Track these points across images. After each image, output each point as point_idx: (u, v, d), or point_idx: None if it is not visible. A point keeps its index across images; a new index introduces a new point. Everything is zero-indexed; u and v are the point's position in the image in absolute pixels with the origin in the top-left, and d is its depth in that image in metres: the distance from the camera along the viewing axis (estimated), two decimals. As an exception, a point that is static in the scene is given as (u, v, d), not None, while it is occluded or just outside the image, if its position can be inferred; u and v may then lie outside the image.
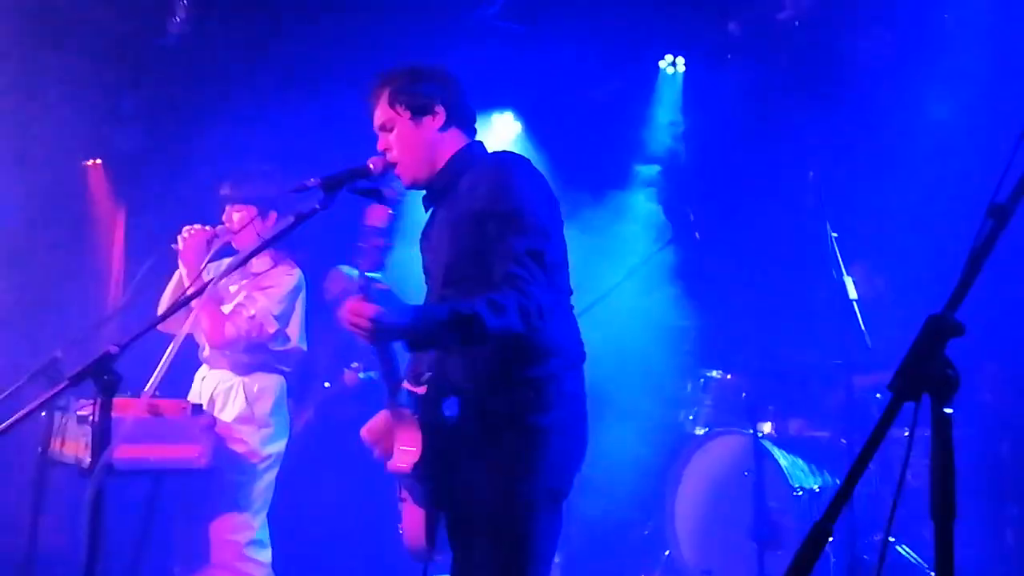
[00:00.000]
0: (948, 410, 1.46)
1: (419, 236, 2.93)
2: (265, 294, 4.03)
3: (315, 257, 4.17)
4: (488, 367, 2.59)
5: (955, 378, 1.45)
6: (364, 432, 2.73)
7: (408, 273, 2.90)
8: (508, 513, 2.53)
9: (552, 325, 2.59)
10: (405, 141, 2.78)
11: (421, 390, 2.61)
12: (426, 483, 2.59)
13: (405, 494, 2.67)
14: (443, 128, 2.81)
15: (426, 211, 2.92)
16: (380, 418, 2.70)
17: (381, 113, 2.82)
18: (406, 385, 2.60)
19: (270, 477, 4.12)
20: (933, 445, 1.45)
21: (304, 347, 4.20)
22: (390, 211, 2.35)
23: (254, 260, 3.97)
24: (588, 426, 2.72)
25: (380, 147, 2.83)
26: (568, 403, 2.64)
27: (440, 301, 2.68)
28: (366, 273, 2.30)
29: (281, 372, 4.18)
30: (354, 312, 2.29)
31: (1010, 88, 5.20)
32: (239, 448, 4.02)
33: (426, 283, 2.89)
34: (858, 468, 1.45)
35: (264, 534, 4.11)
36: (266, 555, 4.09)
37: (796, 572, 1.36)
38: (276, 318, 4.02)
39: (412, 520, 2.65)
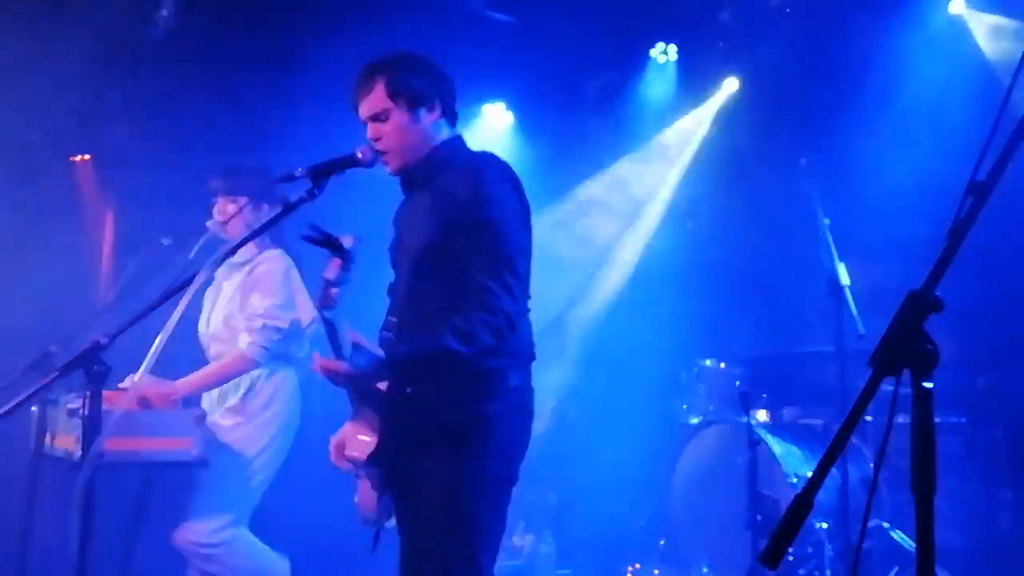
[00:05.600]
0: (928, 384, 1.47)
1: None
2: (260, 294, 3.93)
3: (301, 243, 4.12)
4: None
5: (935, 352, 1.47)
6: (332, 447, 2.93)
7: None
8: (455, 494, 2.68)
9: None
10: (400, 132, 2.82)
11: (383, 385, 2.76)
12: (380, 468, 2.76)
13: (361, 473, 2.86)
14: (435, 122, 2.87)
15: (404, 194, 3.01)
16: (343, 431, 2.93)
17: (375, 102, 2.83)
18: None
19: (262, 476, 3.96)
20: (913, 419, 1.46)
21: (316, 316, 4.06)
22: (343, 262, 2.57)
23: (240, 251, 3.96)
24: (532, 419, 2.84)
25: (370, 135, 2.85)
26: (512, 395, 2.76)
27: (411, 293, 2.81)
28: (323, 312, 2.62)
29: (293, 361, 4.04)
30: (327, 370, 2.58)
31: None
32: (225, 441, 3.89)
33: (393, 258, 2.98)
34: (840, 439, 1.46)
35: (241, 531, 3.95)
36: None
37: (776, 542, 1.37)
38: (281, 307, 3.93)
39: (365, 494, 2.86)
